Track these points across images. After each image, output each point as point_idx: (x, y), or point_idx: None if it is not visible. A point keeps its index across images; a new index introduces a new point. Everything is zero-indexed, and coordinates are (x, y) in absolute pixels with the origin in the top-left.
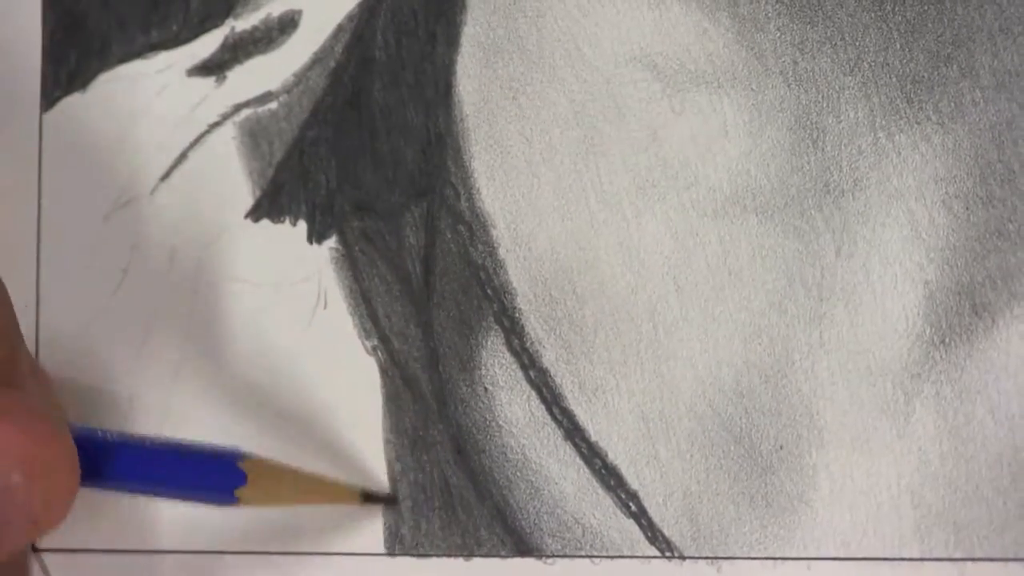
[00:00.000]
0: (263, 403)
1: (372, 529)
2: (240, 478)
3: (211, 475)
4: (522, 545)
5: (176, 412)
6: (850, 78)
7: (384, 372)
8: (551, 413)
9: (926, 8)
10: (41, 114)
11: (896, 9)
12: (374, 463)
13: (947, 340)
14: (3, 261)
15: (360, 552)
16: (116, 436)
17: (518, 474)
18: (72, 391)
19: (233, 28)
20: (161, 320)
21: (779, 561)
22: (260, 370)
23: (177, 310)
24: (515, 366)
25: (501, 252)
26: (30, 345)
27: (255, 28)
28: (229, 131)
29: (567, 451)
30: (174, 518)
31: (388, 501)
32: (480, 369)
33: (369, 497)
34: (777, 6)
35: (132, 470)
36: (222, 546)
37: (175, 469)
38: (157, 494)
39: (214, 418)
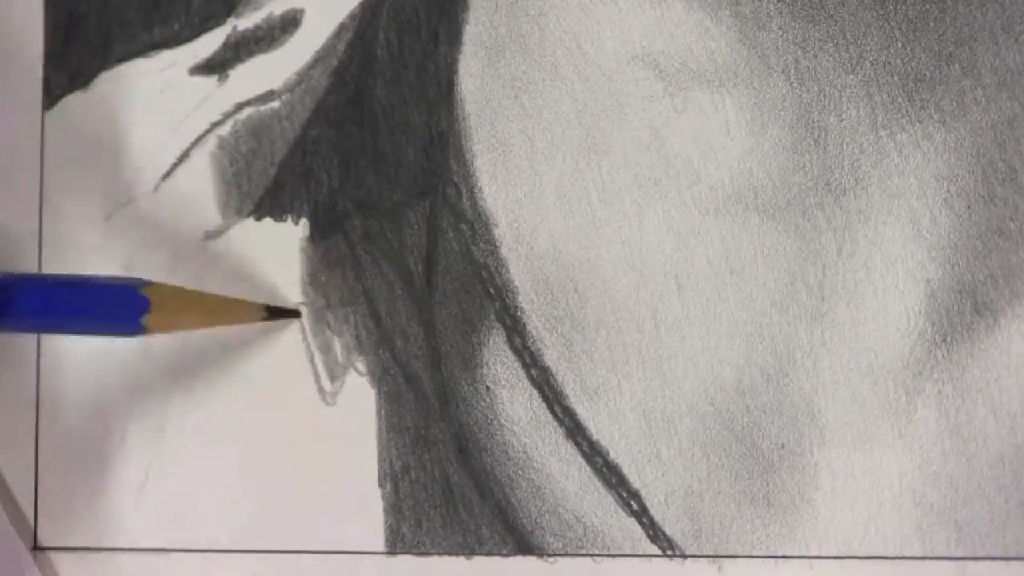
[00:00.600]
0: (262, 402)
1: (374, 528)
2: (143, 304)
3: (114, 303)
4: (523, 544)
5: (176, 409)
6: (852, 77)
7: (385, 371)
8: (553, 412)
9: (928, 7)
10: (43, 113)
11: (898, 8)
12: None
13: (949, 339)
14: (4, 260)
15: (360, 551)
16: (15, 275)
17: (520, 473)
18: (72, 390)
19: (235, 27)
20: None
21: (780, 560)
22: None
23: None
24: (517, 365)
25: (503, 251)
26: (30, 345)
27: (257, 27)
28: (228, 129)
29: (568, 450)
30: (172, 517)
31: (292, 314)
32: (482, 368)
33: (273, 312)
34: (779, 5)
35: (36, 304)
36: (214, 544)
37: (79, 299)
38: (63, 328)
39: (214, 417)
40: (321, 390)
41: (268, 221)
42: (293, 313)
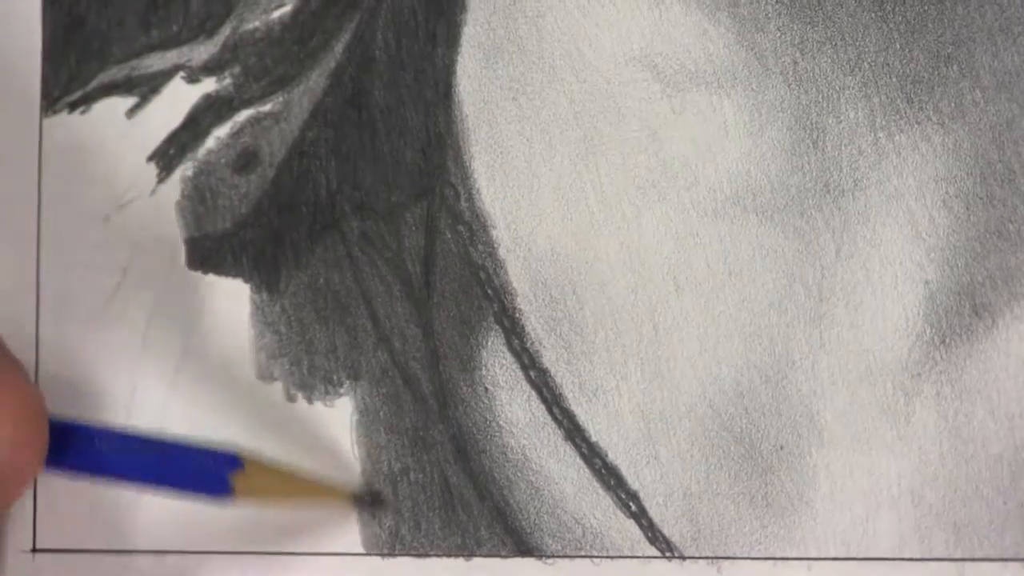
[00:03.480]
0: (262, 401)
1: (374, 529)
2: (236, 464)
3: (207, 466)
4: (522, 545)
5: (175, 411)
6: (850, 78)
7: (384, 372)
8: (551, 413)
9: (926, 8)
10: (41, 115)
11: (896, 9)
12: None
13: (947, 340)
14: (3, 261)
15: (361, 552)
16: (116, 428)
17: (518, 474)
18: (72, 391)
19: (234, 28)
20: (161, 320)
21: (779, 561)
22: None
23: (177, 310)
24: (515, 366)
25: (501, 252)
26: (31, 344)
27: (255, 28)
28: (226, 130)
29: (567, 451)
30: (172, 517)
31: (379, 504)
32: (480, 369)
33: (360, 499)
34: (777, 6)
35: (131, 458)
36: (214, 546)
37: (172, 459)
38: (153, 484)
39: (214, 418)
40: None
41: (266, 222)
42: (379, 501)
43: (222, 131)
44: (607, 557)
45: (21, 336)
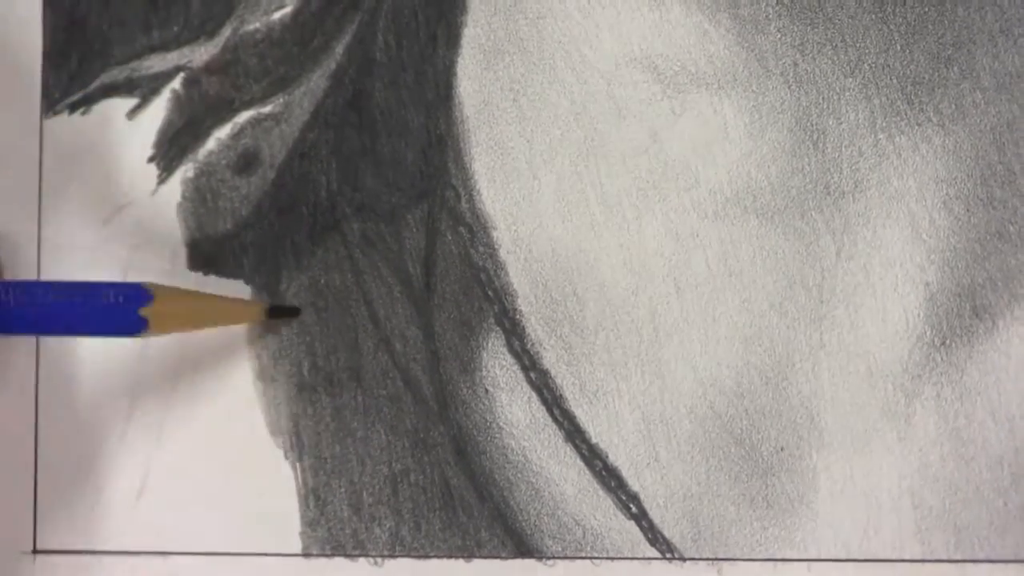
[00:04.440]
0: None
1: (375, 531)
2: (146, 298)
3: (118, 303)
4: (523, 546)
5: (176, 411)
6: (851, 80)
7: (385, 373)
8: (552, 415)
9: (927, 10)
10: (42, 116)
11: (897, 11)
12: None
13: (948, 342)
14: (3, 261)
15: (362, 553)
16: (21, 280)
17: (519, 475)
18: (72, 391)
19: (234, 29)
20: None
21: (779, 562)
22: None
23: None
24: (516, 368)
25: (502, 254)
26: (31, 344)
27: (256, 29)
28: (226, 131)
29: (568, 453)
30: (172, 517)
31: (292, 313)
32: (481, 371)
33: (274, 311)
34: (778, 7)
35: (42, 308)
36: (214, 546)
37: (81, 299)
38: (65, 328)
39: (213, 419)
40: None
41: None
42: (293, 311)
43: (223, 132)
44: (607, 558)
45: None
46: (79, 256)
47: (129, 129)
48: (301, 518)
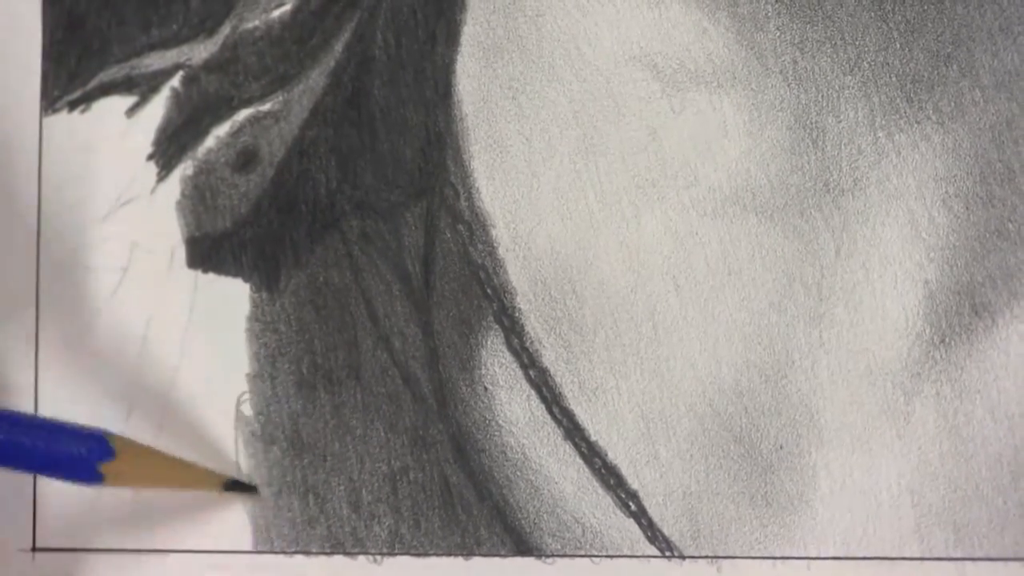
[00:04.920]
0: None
1: (374, 529)
2: (107, 453)
3: (77, 453)
4: (522, 544)
5: (176, 411)
6: (850, 77)
7: (384, 371)
8: (551, 412)
9: (926, 8)
10: (41, 114)
11: (896, 9)
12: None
13: (947, 340)
14: (3, 261)
15: (361, 551)
16: None
17: (518, 473)
18: (72, 391)
19: (233, 27)
20: (161, 320)
21: (779, 560)
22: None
23: (177, 309)
24: (515, 365)
25: (501, 251)
26: (30, 345)
27: (255, 27)
28: (225, 129)
29: (567, 450)
30: (172, 518)
31: (249, 490)
32: (480, 368)
33: (232, 485)
34: (777, 5)
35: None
36: (215, 546)
37: (42, 439)
38: (22, 464)
39: (214, 418)
40: None
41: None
42: (250, 489)
43: (222, 130)
44: (607, 556)
45: (21, 336)
46: (79, 255)
47: (128, 127)
48: (301, 516)
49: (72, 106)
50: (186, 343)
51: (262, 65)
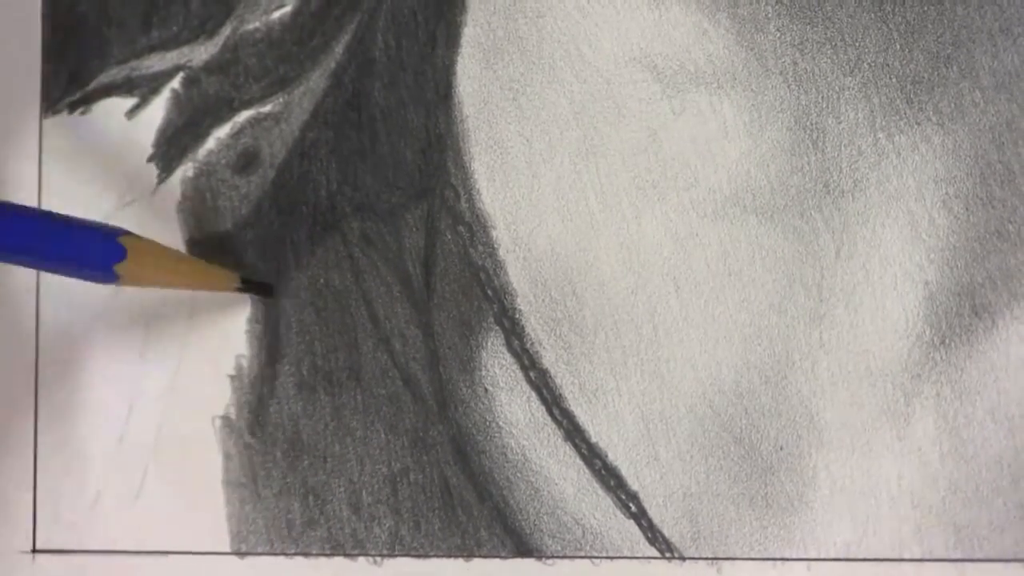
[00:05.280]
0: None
1: (374, 531)
2: (119, 252)
3: (90, 246)
4: (522, 546)
5: (176, 411)
6: (850, 79)
7: (384, 373)
8: (551, 414)
9: (926, 9)
10: (41, 115)
11: (896, 10)
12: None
13: (947, 341)
14: (4, 264)
15: (361, 553)
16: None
17: (518, 475)
18: (72, 391)
19: (234, 29)
20: (161, 320)
21: (779, 562)
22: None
23: (177, 310)
24: (515, 367)
25: (501, 253)
26: (30, 345)
27: (256, 29)
28: (226, 131)
29: (567, 452)
30: (172, 518)
31: (265, 290)
32: (480, 370)
33: (247, 284)
34: (777, 7)
35: (11, 233)
36: (215, 546)
37: (54, 236)
38: (34, 262)
39: (211, 419)
40: None
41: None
42: (266, 289)
43: (222, 132)
44: (607, 558)
45: (21, 336)
46: None
47: (129, 129)
48: (301, 517)
49: (72, 107)
50: (186, 344)
51: (262, 67)
